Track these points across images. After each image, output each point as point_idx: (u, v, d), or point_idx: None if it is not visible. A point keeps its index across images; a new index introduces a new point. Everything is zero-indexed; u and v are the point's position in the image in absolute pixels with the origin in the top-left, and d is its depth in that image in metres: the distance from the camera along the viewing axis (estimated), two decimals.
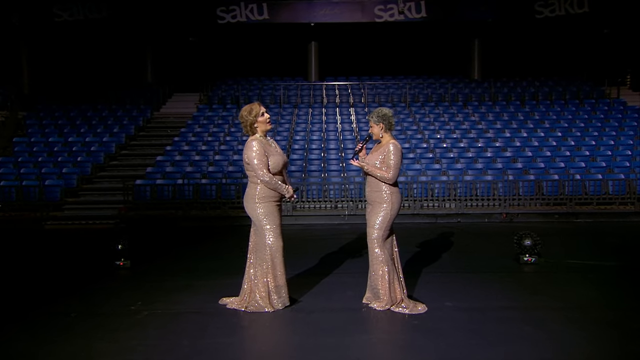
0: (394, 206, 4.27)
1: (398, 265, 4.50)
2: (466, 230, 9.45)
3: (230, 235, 8.83)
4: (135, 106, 16.83)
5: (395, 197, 4.28)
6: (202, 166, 12.59)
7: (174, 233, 9.56)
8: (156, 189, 11.15)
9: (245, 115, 4.17)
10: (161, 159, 13.07)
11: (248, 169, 4.22)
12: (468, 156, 12.87)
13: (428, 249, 7.37)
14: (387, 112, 4.32)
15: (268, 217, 4.19)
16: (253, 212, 4.22)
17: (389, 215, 4.26)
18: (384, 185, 4.21)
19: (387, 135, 4.34)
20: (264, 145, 4.16)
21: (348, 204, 10.93)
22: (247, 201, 4.26)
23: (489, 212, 10.91)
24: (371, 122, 4.38)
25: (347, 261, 6.40)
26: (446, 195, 11.01)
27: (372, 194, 4.29)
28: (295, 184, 11.00)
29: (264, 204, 4.19)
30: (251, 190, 4.24)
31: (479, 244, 8.00)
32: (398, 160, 4.24)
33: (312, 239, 8.59)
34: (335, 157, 13.12)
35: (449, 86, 17.48)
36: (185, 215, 10.78)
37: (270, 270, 4.23)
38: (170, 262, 6.61)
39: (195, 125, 15.32)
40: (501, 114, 15.76)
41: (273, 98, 17.62)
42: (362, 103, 17.17)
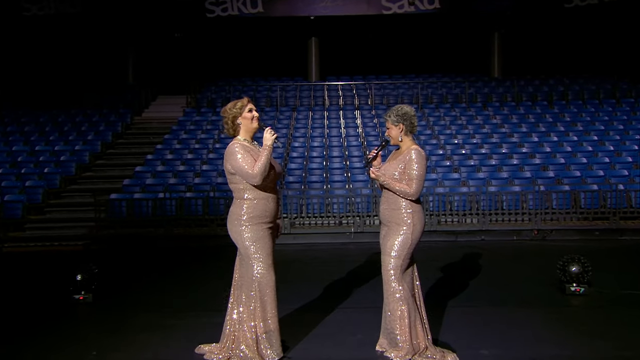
0: (415, 228, 3.85)
1: (420, 304, 4.03)
2: (492, 250, 9.19)
3: (219, 257, 8.48)
4: (113, 110, 16.73)
5: (417, 217, 3.87)
6: (187, 177, 12.40)
7: (153, 255, 9.34)
8: (133, 204, 10.89)
9: (229, 107, 3.89)
10: (141, 169, 12.87)
11: (232, 180, 3.84)
12: (491, 164, 12.65)
13: (449, 274, 7.07)
14: (409, 110, 3.94)
15: (257, 244, 3.77)
16: (238, 237, 3.80)
17: (409, 241, 3.84)
18: (404, 201, 3.84)
19: (408, 139, 3.96)
20: (248, 148, 3.81)
21: (354, 219, 10.73)
22: (231, 223, 3.84)
23: (517, 228, 10.65)
24: (388, 122, 3.98)
25: (356, 292, 6.05)
26: (467, 209, 10.82)
27: (389, 213, 3.90)
28: (294, 197, 10.87)
29: (252, 226, 3.77)
30: (236, 209, 3.82)
31: (509, 267, 7.70)
32: (422, 170, 3.84)
33: (312, 261, 8.38)
34: (339, 166, 12.94)
35: (466, 85, 17.33)
36: (166, 234, 10.55)
37: (259, 312, 3.79)
38: (143, 294, 6.28)
39: (180, 131, 15.15)
40: (526, 116, 15.54)
41: (269, 100, 17.59)
42: (369, 105, 17.09)
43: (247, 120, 3.87)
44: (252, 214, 3.79)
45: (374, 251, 8.03)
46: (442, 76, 18.91)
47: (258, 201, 3.79)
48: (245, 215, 3.79)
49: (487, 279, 6.70)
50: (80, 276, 5.61)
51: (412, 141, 3.96)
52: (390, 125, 3.98)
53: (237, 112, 3.85)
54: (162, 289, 6.57)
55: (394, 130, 3.97)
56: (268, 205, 3.83)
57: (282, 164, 12.91)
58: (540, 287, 6.11)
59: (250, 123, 3.88)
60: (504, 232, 10.56)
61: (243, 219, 3.79)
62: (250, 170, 3.68)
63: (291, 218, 10.76)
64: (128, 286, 6.65)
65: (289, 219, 10.64)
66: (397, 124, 3.94)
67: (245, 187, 3.77)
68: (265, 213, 3.82)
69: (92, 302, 5.72)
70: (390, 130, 3.99)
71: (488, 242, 10.12)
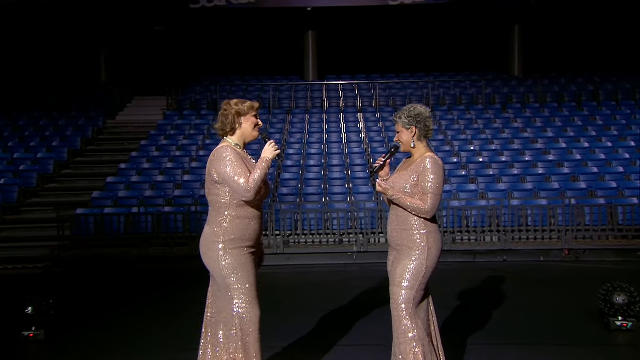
0: (431, 253, 3.67)
1: (438, 344, 3.83)
2: (516, 273, 9.08)
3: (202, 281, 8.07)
4: (83, 113, 16.69)
5: (433, 239, 3.69)
6: (166, 189, 12.31)
7: (125, 280, 9.26)
8: (103, 220, 10.84)
9: (234, 102, 3.75)
10: (113, 180, 12.81)
11: (214, 190, 3.65)
12: (512, 173, 12.60)
13: (467, 302, 6.92)
14: (423, 110, 3.78)
15: (238, 273, 3.57)
16: (214, 264, 3.60)
17: (423, 268, 3.66)
18: (417, 220, 3.68)
19: (422, 145, 3.80)
20: (241, 158, 3.66)
21: (357, 237, 10.66)
22: (206, 246, 3.64)
23: (545, 247, 10.51)
24: (398, 125, 3.81)
25: (359, 325, 5.88)
26: (486, 226, 10.75)
27: (399, 234, 3.73)
28: (288, 211, 10.88)
29: (232, 250, 3.58)
30: (213, 228, 3.63)
31: (537, 294, 7.52)
32: (439, 182, 3.68)
33: (308, 286, 8.34)
34: (339, 177, 12.90)
35: (482, 85, 17.33)
36: (141, 254, 10.40)
37: (241, 353, 3.59)
38: (109, 328, 6.08)
39: (160, 137, 15.12)
40: (552, 119, 15.55)
41: (261, 102, 17.16)
42: (373, 107, 17.17)
43: (249, 124, 3.76)
44: (233, 236, 3.61)
45: (380, 274, 8.36)
46: (456, 75, 18.99)
47: (240, 221, 3.63)
48: (224, 237, 3.60)
49: (512, 309, 6.53)
50: (32, 308, 5.28)
51: (427, 148, 3.80)
52: (401, 128, 3.80)
53: (243, 110, 3.74)
54: (133, 321, 6.40)
55: (405, 135, 3.79)
56: (251, 226, 3.67)
57: (275, 174, 12.92)
58: (577, 320, 5.92)
59: (251, 129, 3.78)
60: (530, 252, 10.45)
61: (221, 242, 3.60)
62: (245, 183, 3.53)
63: (285, 236, 10.68)
64: (91, 319, 6.46)
65: (282, 237, 10.56)
66: (409, 126, 3.77)
67: (229, 201, 3.60)
68: (247, 235, 3.66)
69: (44, 340, 5.46)
70: (401, 134, 3.81)
71: (511, 264, 9.99)
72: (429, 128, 3.78)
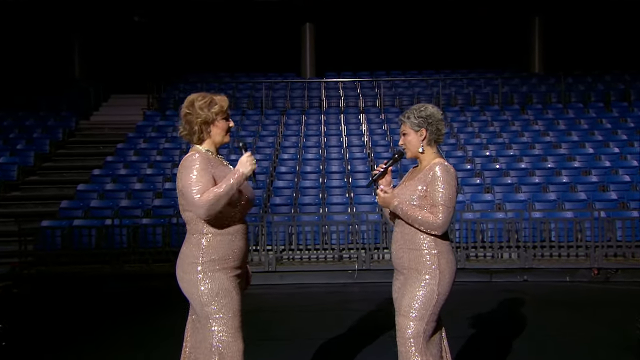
0: (443, 277, 3.55)
1: None
2: (538, 295, 9.00)
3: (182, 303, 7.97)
4: (53, 113, 16.69)
5: (446, 260, 3.57)
6: (144, 198, 12.34)
7: (95, 301, 9.13)
8: (72, 234, 10.79)
9: (200, 106, 3.55)
10: (85, 188, 12.76)
11: (186, 206, 3.53)
12: (533, 181, 12.61)
13: (484, 329, 6.80)
14: (434, 111, 3.68)
15: (219, 299, 3.45)
16: (192, 289, 3.48)
17: (435, 295, 3.53)
18: (426, 238, 3.56)
19: (431, 151, 3.70)
20: (212, 163, 3.52)
21: (358, 253, 10.61)
22: (183, 268, 3.53)
23: (570, 266, 10.45)
24: (405, 126, 3.70)
25: (360, 357, 5.74)
26: (504, 241, 10.73)
27: (405, 254, 3.62)
28: (281, 223, 10.92)
29: (213, 274, 3.46)
30: (190, 248, 3.52)
31: (564, 320, 7.36)
32: (451, 192, 3.55)
33: (302, 310, 8.20)
34: (339, 185, 12.91)
35: (499, 83, 17.35)
36: (115, 272, 10.40)
37: None
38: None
39: (138, 139, 15.19)
40: (577, 121, 15.60)
41: (252, 101, 17.69)
42: (377, 107, 17.27)
43: (219, 131, 3.61)
44: (213, 256, 3.48)
45: (384, 296, 8.38)
46: (469, 72, 19.23)
47: (222, 238, 3.51)
48: (203, 258, 3.47)
49: (535, 337, 6.38)
50: None
51: (437, 154, 3.71)
52: (409, 129, 3.67)
53: (210, 117, 3.57)
54: (103, 352, 6.25)
55: (412, 138, 3.67)
56: (235, 244, 3.55)
57: (267, 182, 12.93)
58: (612, 352, 5.74)
59: (222, 136, 3.63)
60: (553, 272, 10.38)
61: (200, 263, 3.47)
62: (197, 194, 3.36)
63: (277, 251, 10.65)
64: (54, 348, 6.25)
65: (274, 253, 10.55)
66: (418, 128, 3.65)
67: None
68: (230, 254, 3.53)
69: None
70: (408, 136, 3.68)
71: (532, 285, 9.95)
72: (441, 132, 3.68)
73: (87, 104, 17.41)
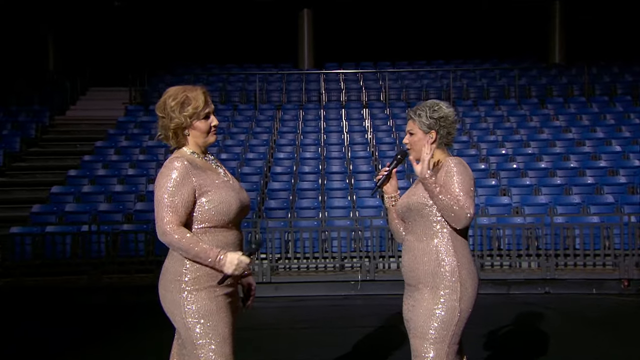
0: (466, 291, 3.46)
1: None
2: (562, 308, 8.95)
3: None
4: (24, 107, 16.64)
5: (467, 271, 3.47)
6: (126, 202, 12.29)
7: (69, 317, 9.01)
8: (44, 241, 10.73)
9: (171, 107, 3.39)
10: (59, 190, 12.69)
11: None
12: (554, 183, 12.60)
13: (504, 348, 6.71)
14: (449, 113, 3.62)
15: (207, 322, 3.35)
16: (176, 311, 3.38)
17: (457, 313, 3.44)
18: (444, 246, 3.46)
19: (440, 151, 3.66)
20: (193, 171, 3.40)
21: (362, 262, 10.57)
22: (166, 287, 3.42)
23: (597, 277, 10.39)
24: (413, 124, 3.63)
25: None
26: (523, 249, 10.73)
27: (418, 265, 3.52)
28: (277, 229, 10.86)
29: (199, 293, 3.35)
30: (174, 263, 3.42)
31: (592, 339, 7.28)
32: (469, 181, 3.46)
33: (299, 327, 8.14)
34: (340, 187, 12.92)
35: (515, 74, 17.36)
36: (92, 283, 10.33)
37: None
38: None
39: (120, 137, 15.18)
40: (602, 116, 15.57)
41: (245, 95, 17.65)
42: (381, 102, 17.34)
43: (198, 133, 3.47)
44: (200, 272, 3.35)
45: (390, 310, 8.14)
46: (482, 62, 19.40)
47: None
48: (189, 274, 3.35)
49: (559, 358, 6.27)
50: None
51: (447, 154, 3.66)
52: (417, 128, 3.59)
53: (184, 121, 3.41)
54: None
55: (420, 139, 3.59)
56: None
57: (261, 183, 12.93)
58: None
59: (203, 137, 3.50)
60: (578, 283, 10.32)
61: (184, 281, 3.35)
62: (166, 222, 3.30)
63: (272, 260, 10.65)
64: None
65: (269, 262, 10.55)
66: (427, 130, 3.58)
67: (192, 224, 3.40)
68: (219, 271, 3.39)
69: None
70: (415, 137, 3.59)
71: (555, 297, 9.89)
72: (452, 135, 3.63)
73: (62, 98, 17.35)
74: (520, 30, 19.98)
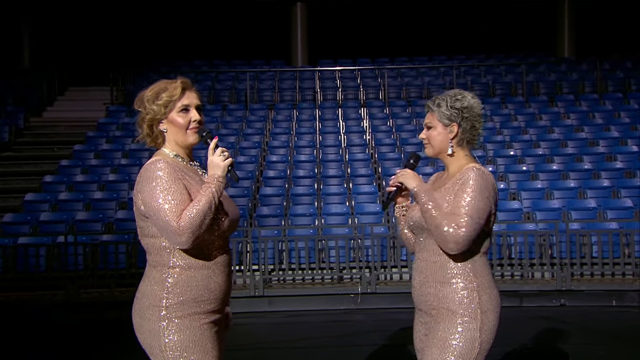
0: (487, 320, 3.28)
1: None
2: (581, 322, 8.88)
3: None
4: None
5: (488, 296, 3.30)
6: (106, 210, 12.27)
7: (43, 336, 8.90)
8: (16, 254, 10.68)
9: (146, 98, 3.28)
10: (33, 198, 12.68)
11: (146, 230, 3.29)
12: (567, 186, 12.57)
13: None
14: (473, 103, 3.40)
15: (189, 355, 3.20)
16: (153, 342, 3.23)
17: (476, 345, 3.26)
18: (461, 267, 3.30)
19: (463, 153, 3.44)
20: (180, 174, 3.23)
21: (362, 273, 10.53)
22: (141, 313, 3.27)
23: (617, 287, 10.29)
24: (432, 116, 3.43)
25: None
26: (535, 257, 10.66)
27: (432, 288, 3.36)
28: (270, 239, 10.86)
29: (180, 320, 3.19)
30: (151, 286, 3.26)
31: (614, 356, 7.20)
32: (483, 204, 3.26)
33: (295, 346, 8.09)
34: (337, 192, 12.88)
35: (522, 70, 17.33)
36: (69, 299, 10.25)
37: None
38: None
39: (100, 139, 15.17)
40: (616, 114, 15.55)
41: (234, 94, 17.72)
42: (380, 100, 17.36)
43: (175, 129, 3.31)
44: (182, 297, 3.20)
45: (395, 325, 8.22)
46: (487, 58, 19.39)
47: (194, 273, 3.23)
48: (169, 299, 3.20)
49: None
50: None
51: (470, 157, 3.43)
52: (436, 121, 3.39)
53: (158, 112, 3.27)
54: None
55: (439, 134, 3.41)
56: (212, 281, 3.26)
57: (252, 189, 12.87)
58: None
59: (182, 132, 3.32)
60: (596, 294, 10.23)
61: (163, 307, 3.19)
62: (174, 219, 3.09)
63: (265, 272, 10.57)
64: None
65: (261, 274, 10.49)
66: (448, 122, 3.36)
67: (171, 245, 3.22)
68: (206, 295, 3.25)
69: None
70: (433, 131, 3.41)
71: (572, 310, 9.80)
72: (477, 131, 3.40)
73: (39, 98, 17.41)
74: (527, 23, 20.10)
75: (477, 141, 3.46)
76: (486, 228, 3.26)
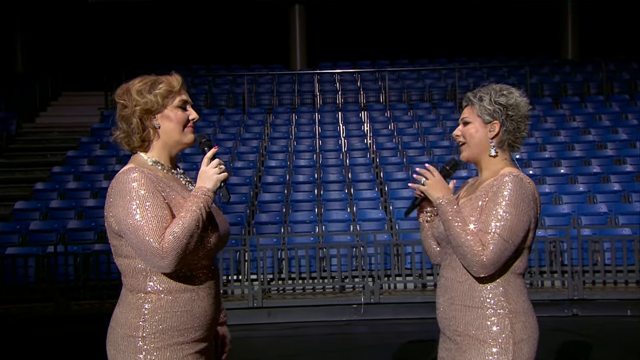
0: (521, 352, 2.95)
1: None
2: (593, 334, 8.72)
3: None
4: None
5: (522, 325, 2.96)
6: (98, 218, 12.02)
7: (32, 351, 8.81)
8: (4, 265, 10.65)
9: (136, 89, 2.96)
10: (24, 206, 12.63)
11: (120, 249, 2.96)
12: (576, 190, 12.46)
13: None
14: (520, 102, 3.09)
15: None
16: None
17: None
18: (492, 290, 2.99)
19: (503, 157, 3.10)
20: (158, 185, 2.89)
21: (365, 282, 10.45)
22: (115, 344, 2.96)
23: (631, 296, 10.09)
24: (471, 111, 3.10)
25: None
26: (545, 265, 10.61)
27: (458, 312, 3.06)
28: (268, 247, 10.75)
29: (160, 353, 2.92)
30: (126, 313, 2.96)
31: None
32: (518, 220, 2.91)
33: (297, 357, 8.14)
34: (338, 197, 12.85)
35: (526, 72, 17.22)
36: (59, 312, 10.12)
37: None
38: None
39: (94, 145, 15.15)
40: (623, 115, 15.51)
41: (232, 98, 17.78)
42: (381, 103, 17.36)
43: (172, 125, 3.00)
44: (161, 326, 2.89)
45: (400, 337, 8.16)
46: (489, 60, 19.35)
47: (175, 297, 2.92)
48: (146, 329, 2.88)
49: None
50: None
51: (510, 162, 3.09)
52: (475, 117, 3.06)
53: (155, 103, 2.96)
54: None
55: (477, 131, 3.08)
56: (197, 305, 2.95)
57: (250, 195, 12.74)
58: None
59: (179, 129, 3.03)
60: (610, 304, 10.07)
61: (140, 337, 2.89)
62: (156, 241, 2.78)
63: (264, 282, 10.50)
64: None
65: (260, 284, 10.43)
66: (489, 119, 3.05)
67: (147, 268, 2.93)
68: (189, 322, 2.93)
69: None
70: (471, 128, 3.08)
71: (585, 320, 9.64)
72: (520, 133, 3.07)
73: (31, 104, 17.44)
74: (529, 24, 20.03)
75: (519, 146, 3.13)
76: (523, 245, 2.88)
